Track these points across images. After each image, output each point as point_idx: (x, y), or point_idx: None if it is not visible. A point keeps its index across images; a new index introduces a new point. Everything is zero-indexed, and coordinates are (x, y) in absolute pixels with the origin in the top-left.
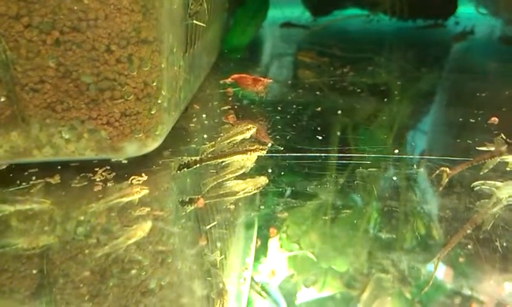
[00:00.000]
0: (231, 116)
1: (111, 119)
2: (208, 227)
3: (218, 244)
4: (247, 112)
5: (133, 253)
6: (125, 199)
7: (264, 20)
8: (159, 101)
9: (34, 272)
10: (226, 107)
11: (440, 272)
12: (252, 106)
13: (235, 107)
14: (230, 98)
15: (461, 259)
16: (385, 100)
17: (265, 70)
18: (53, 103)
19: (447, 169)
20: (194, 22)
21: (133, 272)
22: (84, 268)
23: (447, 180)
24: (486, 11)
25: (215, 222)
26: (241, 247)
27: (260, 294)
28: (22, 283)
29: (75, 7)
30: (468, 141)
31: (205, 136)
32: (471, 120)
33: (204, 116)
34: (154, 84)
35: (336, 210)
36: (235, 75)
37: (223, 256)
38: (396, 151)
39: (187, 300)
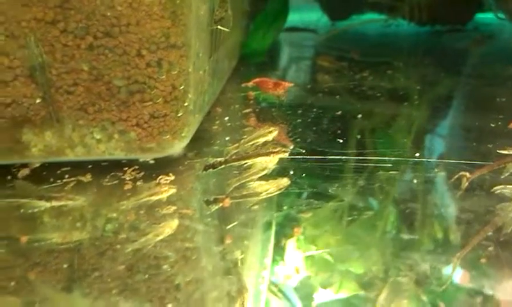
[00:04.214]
0: (252, 118)
1: (140, 121)
2: (230, 226)
3: (242, 243)
4: (268, 115)
5: (161, 249)
6: (154, 198)
7: (284, 25)
8: (186, 104)
9: (66, 265)
10: (247, 110)
11: (459, 273)
12: (273, 109)
13: (257, 110)
14: (252, 102)
15: (481, 261)
16: (405, 104)
17: (284, 74)
18: (86, 105)
19: (467, 174)
20: (219, 27)
21: (160, 267)
22: (116, 263)
23: (466, 183)
24: (504, 17)
25: (236, 222)
26: (263, 246)
27: (277, 294)
28: (56, 276)
29: (109, 14)
30: (489, 145)
31: (228, 138)
32: (491, 125)
33: (226, 118)
34: (181, 87)
35: (357, 212)
36: (257, 79)
37: (245, 255)
38: (417, 154)
39: (213, 296)
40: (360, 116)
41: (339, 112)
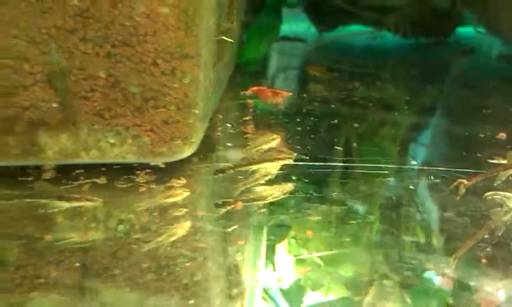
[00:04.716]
0: (250, 126)
1: (154, 126)
2: (232, 228)
3: (245, 245)
4: (268, 123)
5: (174, 249)
6: (169, 200)
7: (277, 35)
8: (196, 111)
9: (86, 263)
10: (247, 118)
11: (444, 275)
12: (271, 117)
13: (256, 117)
14: (251, 109)
15: (474, 262)
16: (396, 114)
17: (278, 83)
18: (101, 110)
19: (464, 181)
20: (224, 38)
21: (177, 265)
22: (134, 261)
23: (464, 190)
24: (484, 31)
25: (243, 224)
26: (266, 248)
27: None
28: (74, 274)
29: (127, 24)
30: (478, 155)
31: (229, 144)
32: (480, 135)
33: (228, 125)
34: (193, 95)
35: (359, 216)
36: (255, 88)
37: (248, 256)
38: (413, 162)
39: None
40: (356, 125)
41: (336, 121)
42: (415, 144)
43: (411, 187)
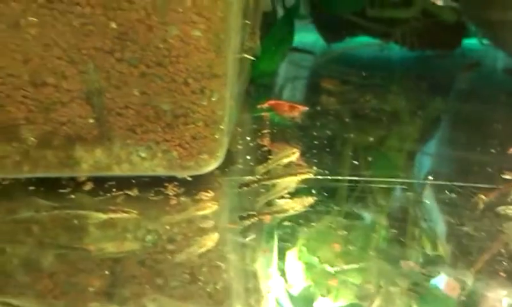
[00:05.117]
0: (266, 138)
1: (182, 141)
2: (247, 239)
3: (270, 255)
4: (285, 137)
5: (204, 260)
6: (200, 213)
7: (290, 47)
8: (222, 127)
9: (121, 274)
10: (265, 131)
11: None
12: (288, 131)
13: (274, 131)
14: (267, 123)
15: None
16: (409, 128)
17: (292, 96)
18: (134, 126)
19: (483, 196)
20: (247, 56)
21: (208, 275)
22: (166, 271)
23: (482, 205)
24: (489, 43)
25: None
26: (291, 259)
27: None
28: (112, 284)
29: (161, 46)
30: (488, 169)
31: (249, 157)
32: (491, 150)
33: (247, 138)
34: (220, 112)
35: (383, 229)
36: (272, 101)
37: (272, 266)
38: (430, 177)
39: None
40: (371, 139)
41: (352, 135)
42: (429, 159)
43: (427, 201)
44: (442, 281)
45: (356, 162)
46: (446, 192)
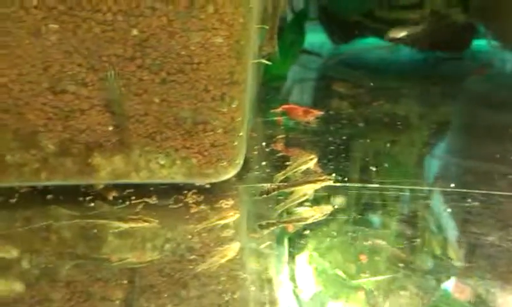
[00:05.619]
0: (280, 144)
1: (202, 149)
2: (268, 249)
3: (290, 265)
4: (300, 142)
5: (225, 269)
6: (222, 222)
7: (301, 49)
8: (241, 134)
9: (141, 283)
10: (280, 136)
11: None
12: (303, 135)
13: (289, 136)
14: (282, 127)
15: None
16: (425, 133)
17: (301, 100)
18: (153, 133)
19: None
20: (264, 61)
21: (230, 284)
22: (189, 281)
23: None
24: (497, 45)
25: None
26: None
27: None
28: (131, 294)
29: (183, 53)
30: (510, 177)
31: (264, 163)
32: (510, 157)
33: (263, 144)
34: (239, 119)
35: (401, 240)
36: (286, 105)
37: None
38: (452, 185)
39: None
40: (388, 144)
41: (368, 140)
42: (448, 166)
43: (448, 209)
44: (451, 284)
45: (373, 169)
46: (468, 200)
